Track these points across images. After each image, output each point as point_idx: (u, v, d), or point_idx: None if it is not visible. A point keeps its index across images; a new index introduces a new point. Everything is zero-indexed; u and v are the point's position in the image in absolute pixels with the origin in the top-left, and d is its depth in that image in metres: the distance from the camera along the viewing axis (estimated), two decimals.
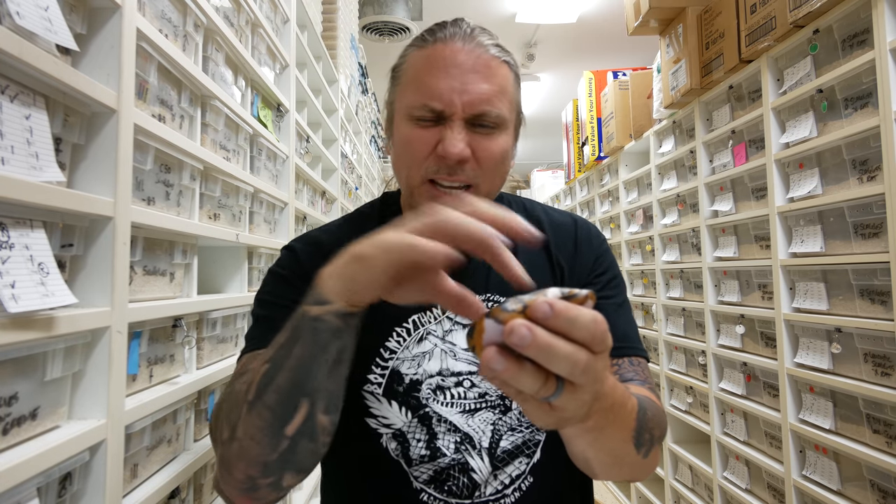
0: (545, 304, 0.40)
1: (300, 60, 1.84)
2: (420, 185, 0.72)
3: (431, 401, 0.75)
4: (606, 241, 0.87)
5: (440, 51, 0.71)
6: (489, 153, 0.71)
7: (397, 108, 0.76)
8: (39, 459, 0.56)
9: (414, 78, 0.72)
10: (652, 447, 0.64)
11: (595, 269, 0.82)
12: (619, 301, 0.82)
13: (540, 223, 0.84)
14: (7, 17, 0.55)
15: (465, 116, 0.69)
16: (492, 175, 0.73)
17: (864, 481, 1.32)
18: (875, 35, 1.22)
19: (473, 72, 0.70)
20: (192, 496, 0.96)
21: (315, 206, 2.09)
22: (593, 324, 0.40)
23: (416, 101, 0.70)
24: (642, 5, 2.09)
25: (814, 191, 1.44)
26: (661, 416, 0.69)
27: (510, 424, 0.76)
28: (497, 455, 0.75)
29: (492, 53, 0.72)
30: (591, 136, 3.24)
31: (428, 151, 0.70)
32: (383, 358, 0.76)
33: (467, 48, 0.70)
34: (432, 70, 0.70)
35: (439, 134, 0.70)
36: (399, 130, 0.74)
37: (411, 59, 0.74)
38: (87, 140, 0.70)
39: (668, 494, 2.40)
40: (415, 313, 0.78)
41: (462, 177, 0.71)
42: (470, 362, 0.76)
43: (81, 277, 0.69)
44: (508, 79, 0.73)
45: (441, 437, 0.74)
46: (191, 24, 0.96)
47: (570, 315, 0.40)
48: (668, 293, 2.39)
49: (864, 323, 1.28)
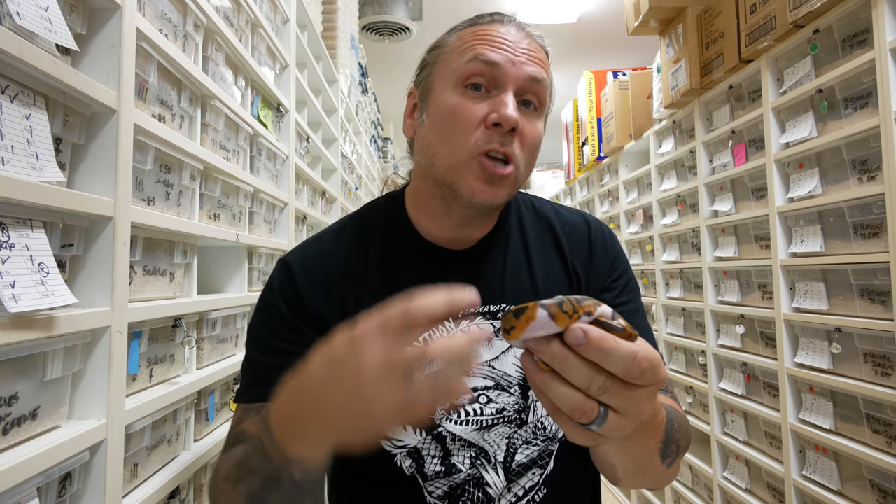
0: (580, 330, 0.39)
1: (300, 60, 1.84)
2: (471, 160, 0.68)
3: (445, 421, 0.72)
4: (619, 242, 0.85)
5: (496, 27, 0.71)
6: (532, 133, 0.70)
7: (438, 79, 0.72)
8: (39, 459, 0.56)
9: (466, 47, 0.70)
10: (677, 458, 0.63)
11: (612, 274, 0.80)
12: (635, 307, 0.80)
13: (551, 223, 0.82)
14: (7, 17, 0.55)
15: (518, 87, 0.68)
16: (529, 158, 0.71)
17: (864, 481, 1.32)
18: (875, 35, 1.22)
19: (528, 50, 0.70)
20: (192, 496, 0.96)
21: (315, 206, 2.09)
22: (630, 359, 0.39)
23: (470, 67, 0.68)
24: (642, 5, 2.09)
25: (814, 191, 1.44)
26: (687, 427, 0.69)
27: (525, 438, 0.74)
28: (512, 469, 0.73)
29: (539, 43, 0.73)
30: (591, 136, 3.24)
31: (477, 121, 0.67)
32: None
33: (520, 32, 0.71)
34: (489, 40, 0.69)
35: (489, 104, 0.68)
36: (443, 101, 0.70)
37: (462, 35, 0.73)
38: (87, 140, 0.70)
39: (668, 494, 2.40)
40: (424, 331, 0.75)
41: (511, 150, 0.68)
42: (486, 377, 0.73)
43: (81, 277, 0.69)
44: (549, 69, 0.74)
45: (456, 454, 0.72)
46: (191, 24, 0.96)
47: (603, 347, 0.39)
48: (668, 293, 2.39)
49: (864, 323, 1.28)
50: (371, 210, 0.82)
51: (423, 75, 0.76)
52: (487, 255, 0.77)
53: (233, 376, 1.16)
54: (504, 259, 0.78)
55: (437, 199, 0.73)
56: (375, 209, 0.82)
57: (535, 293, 0.76)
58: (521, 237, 0.80)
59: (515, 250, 0.79)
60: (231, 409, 1.16)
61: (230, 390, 1.17)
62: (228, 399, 1.16)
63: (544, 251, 0.80)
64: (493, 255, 0.78)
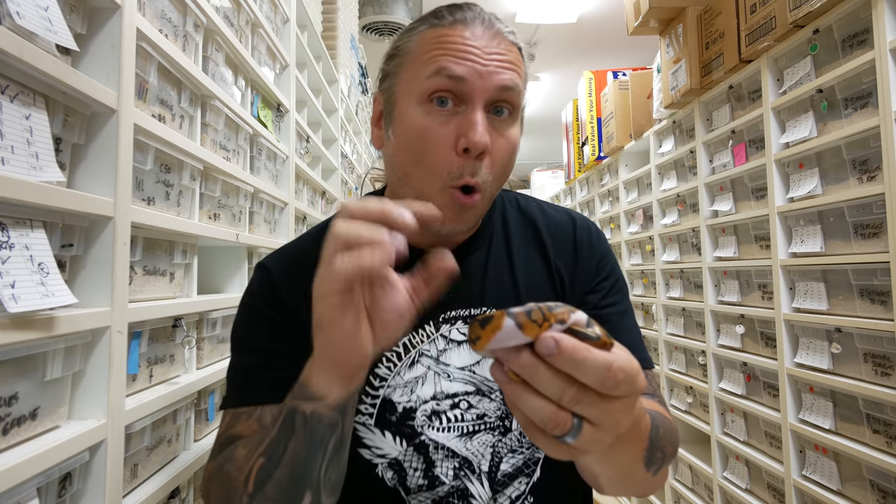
0: (551, 340, 0.37)
1: (300, 60, 1.84)
2: (442, 191, 0.64)
3: (427, 428, 0.70)
4: (606, 240, 0.82)
5: (460, 31, 0.65)
6: (505, 147, 0.66)
7: (401, 91, 0.68)
8: (39, 459, 0.56)
9: (429, 58, 0.65)
10: (662, 465, 0.60)
11: (598, 275, 0.78)
12: (623, 308, 0.78)
13: (535, 224, 0.80)
14: (7, 17, 0.55)
15: (487, 99, 0.64)
16: (500, 174, 0.68)
17: (864, 481, 1.32)
18: (875, 35, 1.22)
19: (498, 54, 0.65)
20: (192, 496, 0.96)
21: (315, 206, 2.09)
22: (604, 370, 0.37)
23: (435, 82, 0.63)
24: (642, 5, 2.09)
25: (814, 191, 1.43)
26: (674, 433, 0.66)
27: (510, 446, 0.72)
28: (497, 479, 0.71)
29: (510, 40, 0.68)
30: (591, 136, 3.24)
31: (447, 149, 0.64)
32: (373, 386, 0.72)
33: (488, 33, 0.66)
34: (453, 49, 0.64)
35: (457, 126, 0.63)
36: (408, 120, 0.66)
37: (423, 39, 0.67)
38: (87, 140, 0.70)
39: (668, 494, 2.40)
40: (405, 335, 0.72)
41: (479, 178, 0.64)
42: (466, 382, 0.72)
43: (81, 277, 0.69)
44: (523, 67, 0.69)
45: (439, 465, 0.70)
46: (191, 24, 0.96)
47: (575, 357, 0.37)
48: (668, 293, 2.39)
49: (864, 323, 1.28)
50: None
51: (386, 85, 0.72)
52: (469, 258, 0.75)
53: None
54: (486, 261, 0.76)
55: None
56: None
57: (516, 296, 0.75)
58: (504, 238, 0.78)
59: (498, 252, 0.77)
60: None
61: None
62: None
63: (527, 252, 0.78)
64: (474, 258, 0.76)
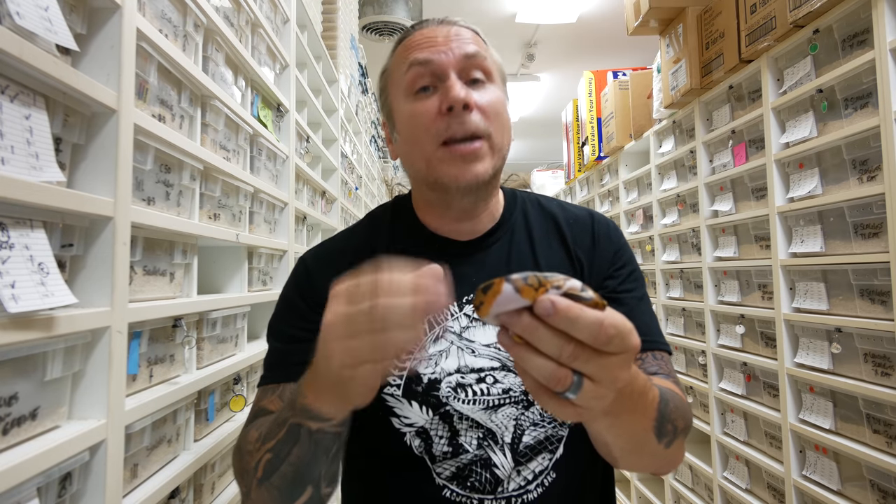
0: (548, 301, 0.40)
1: (300, 60, 1.84)
2: (436, 150, 0.72)
3: (452, 399, 0.74)
4: (623, 235, 0.87)
5: (419, 34, 0.77)
6: (488, 101, 0.73)
7: (394, 98, 0.78)
8: (39, 459, 0.56)
9: (402, 62, 0.76)
10: (675, 438, 0.64)
11: (615, 263, 0.82)
12: (640, 294, 0.82)
13: (555, 218, 0.85)
14: (7, 17, 0.55)
15: (457, 69, 0.73)
16: (498, 125, 0.74)
17: (864, 481, 1.32)
18: (875, 35, 1.22)
19: (454, 37, 0.75)
20: (192, 496, 0.96)
21: (315, 206, 2.09)
22: (596, 326, 0.41)
23: (410, 74, 0.74)
24: (642, 5, 2.09)
25: (814, 191, 1.44)
26: (685, 408, 0.70)
27: (532, 419, 0.75)
28: (519, 450, 0.75)
29: (465, 25, 0.78)
30: (591, 136, 3.24)
31: (433, 116, 0.72)
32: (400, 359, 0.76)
33: (442, 26, 0.77)
34: (416, 46, 0.75)
35: (439, 97, 0.72)
36: (402, 113, 0.76)
37: (397, 54, 0.78)
38: (87, 140, 0.70)
39: (668, 494, 2.40)
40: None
41: (471, 126, 0.71)
42: (492, 358, 0.76)
43: (81, 277, 0.69)
44: (482, 43, 0.78)
45: (463, 434, 0.74)
46: (191, 24, 0.96)
47: (570, 315, 0.40)
48: (668, 293, 2.39)
49: (864, 323, 1.28)
50: (380, 210, 0.88)
51: (383, 101, 0.82)
52: (492, 246, 0.81)
53: (233, 376, 1.16)
54: (509, 250, 0.81)
55: (434, 198, 0.78)
56: (384, 209, 0.88)
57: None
58: (525, 231, 0.83)
59: (520, 242, 0.82)
60: (231, 410, 1.16)
61: (230, 390, 1.17)
62: (228, 399, 1.16)
63: (549, 242, 0.83)
64: (497, 246, 0.81)
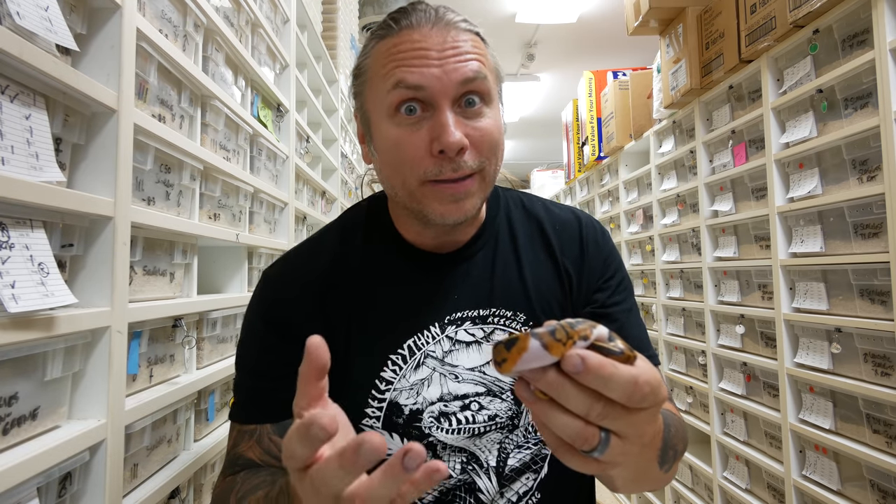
0: (577, 357, 0.37)
1: (300, 60, 1.84)
2: (420, 187, 0.65)
3: (435, 429, 0.71)
4: (611, 238, 0.82)
5: (409, 37, 0.65)
6: (485, 134, 0.65)
7: (372, 108, 0.68)
8: (39, 459, 0.56)
9: (386, 72, 0.64)
10: (674, 462, 0.61)
11: (605, 273, 0.78)
12: (629, 306, 0.78)
13: (541, 222, 0.80)
14: (7, 17, 0.55)
15: (453, 98, 0.63)
16: (492, 156, 0.67)
17: (864, 481, 1.32)
18: (875, 35, 1.22)
19: (451, 49, 0.64)
20: (192, 496, 0.96)
21: (315, 206, 2.09)
22: (631, 385, 0.38)
23: (396, 95, 0.63)
24: (642, 5, 2.09)
25: (814, 191, 1.43)
26: (683, 428, 0.67)
27: (517, 442, 0.72)
28: (504, 474, 0.72)
29: (464, 28, 0.67)
30: (591, 136, 3.24)
31: (422, 153, 0.64)
32: (379, 390, 0.71)
33: (439, 30, 0.65)
34: (405, 58, 0.64)
35: (429, 130, 0.63)
36: (383, 135, 0.66)
37: (377, 53, 0.67)
38: (87, 140, 0.70)
39: (668, 494, 2.40)
40: (410, 338, 0.72)
41: (465, 169, 0.64)
42: (477, 382, 0.72)
43: (81, 277, 0.69)
44: (482, 48, 0.68)
45: (446, 459, 0.71)
46: (191, 24, 0.96)
47: (602, 374, 0.37)
48: (668, 293, 2.39)
49: (864, 323, 1.28)
50: (352, 217, 0.80)
51: (358, 105, 0.72)
52: (475, 258, 0.75)
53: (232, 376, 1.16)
54: (493, 261, 0.76)
55: (411, 218, 0.71)
56: (357, 215, 0.79)
57: (525, 296, 0.75)
58: (510, 238, 0.78)
59: (504, 252, 0.77)
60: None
61: (230, 390, 1.17)
62: (228, 399, 1.16)
63: (535, 252, 0.78)
64: (481, 258, 0.76)
